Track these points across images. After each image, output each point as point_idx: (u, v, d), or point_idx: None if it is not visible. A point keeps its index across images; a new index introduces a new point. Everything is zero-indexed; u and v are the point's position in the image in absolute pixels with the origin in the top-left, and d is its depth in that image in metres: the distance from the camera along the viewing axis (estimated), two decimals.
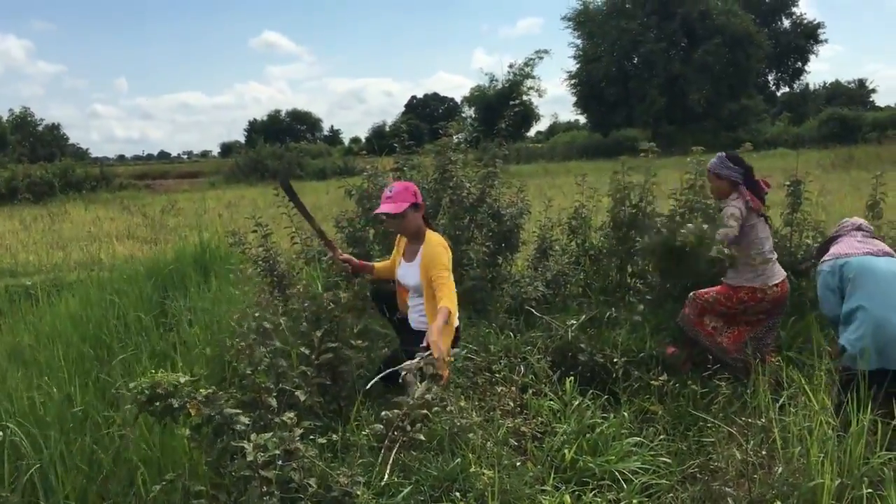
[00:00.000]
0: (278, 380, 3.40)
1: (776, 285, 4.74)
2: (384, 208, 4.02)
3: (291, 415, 2.59)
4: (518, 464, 3.29)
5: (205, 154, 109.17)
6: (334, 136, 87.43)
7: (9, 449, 3.37)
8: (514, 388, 4.18)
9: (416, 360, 3.30)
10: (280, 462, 2.43)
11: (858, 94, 70.26)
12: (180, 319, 6.09)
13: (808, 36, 62.33)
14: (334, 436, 2.99)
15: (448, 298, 3.73)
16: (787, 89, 66.72)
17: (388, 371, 3.87)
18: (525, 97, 49.51)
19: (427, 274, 3.86)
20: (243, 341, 3.50)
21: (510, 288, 5.54)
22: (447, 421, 3.31)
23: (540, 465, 3.50)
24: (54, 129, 68.84)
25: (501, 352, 4.71)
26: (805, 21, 62.80)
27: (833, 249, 4.11)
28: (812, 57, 63.74)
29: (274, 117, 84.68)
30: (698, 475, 3.45)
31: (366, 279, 4.51)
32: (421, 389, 3.43)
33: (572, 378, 4.39)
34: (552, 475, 3.41)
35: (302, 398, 3.02)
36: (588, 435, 3.83)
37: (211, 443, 2.67)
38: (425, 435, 3.22)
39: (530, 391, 4.34)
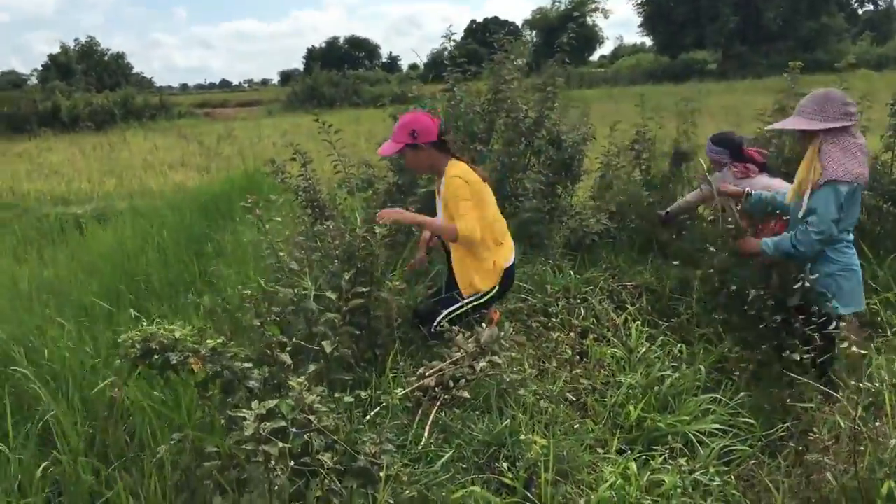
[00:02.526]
0: (309, 326, 3.04)
1: None
2: (382, 148, 3.62)
3: (301, 379, 2.20)
4: (576, 425, 2.87)
5: (265, 82, 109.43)
6: (392, 63, 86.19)
7: (25, 395, 3.14)
8: (572, 334, 3.74)
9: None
10: (292, 431, 2.06)
11: None
12: (222, 250, 5.82)
13: None
14: (362, 393, 2.61)
15: (463, 224, 3.32)
16: (870, 7, 62.37)
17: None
18: (590, 18, 47.39)
19: (448, 210, 3.42)
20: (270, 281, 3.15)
21: (570, 221, 5.02)
22: (496, 376, 2.89)
23: (601, 425, 3.08)
24: (119, 58, 69.50)
25: (559, 292, 4.25)
26: None
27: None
28: None
29: (332, 44, 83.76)
30: (789, 442, 2.97)
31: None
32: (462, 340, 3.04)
33: (639, 322, 3.93)
34: (616, 436, 3.00)
35: (328, 349, 2.64)
36: (657, 388, 3.38)
37: (222, 402, 2.32)
38: (470, 391, 2.83)
39: (591, 336, 3.89)
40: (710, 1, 46.27)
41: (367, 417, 2.61)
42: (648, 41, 55.70)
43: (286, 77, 75.69)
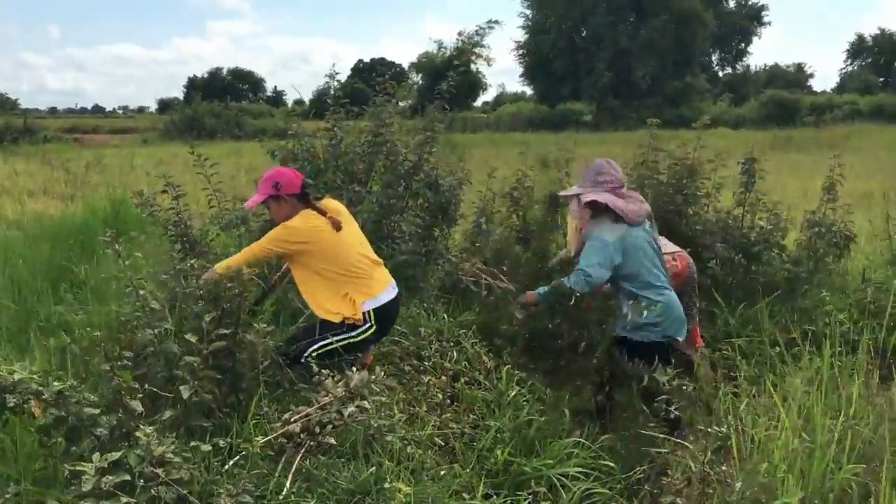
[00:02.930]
0: (169, 369, 2.90)
1: (672, 257, 4.37)
2: (249, 202, 3.83)
3: (151, 429, 2.08)
4: (443, 471, 2.87)
5: (141, 109, 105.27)
6: (277, 97, 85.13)
7: None
8: (444, 378, 3.75)
9: None
10: (140, 484, 1.93)
11: (796, 77, 71.55)
12: (81, 285, 5.49)
13: (752, 18, 63.14)
14: (221, 441, 2.50)
15: (225, 262, 3.51)
16: (728, 70, 67.69)
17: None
18: (473, 66, 48.67)
19: None
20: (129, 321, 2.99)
21: (446, 264, 5.08)
22: (364, 421, 2.85)
23: (469, 469, 3.09)
24: None
25: (433, 335, 4.26)
26: (750, 2, 63.53)
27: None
28: (754, 39, 64.73)
29: (215, 75, 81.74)
30: (645, 485, 3.08)
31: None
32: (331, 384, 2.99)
33: (509, 366, 3.99)
34: (482, 481, 3.01)
35: (185, 394, 2.52)
36: (524, 432, 3.44)
37: (65, 451, 2.16)
38: (337, 437, 2.77)
39: (462, 380, 3.91)
40: (586, 56, 48.74)
41: (226, 467, 2.50)
42: (529, 90, 57.82)
43: (164, 105, 73.03)
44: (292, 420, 2.79)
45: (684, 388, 3.44)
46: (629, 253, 3.77)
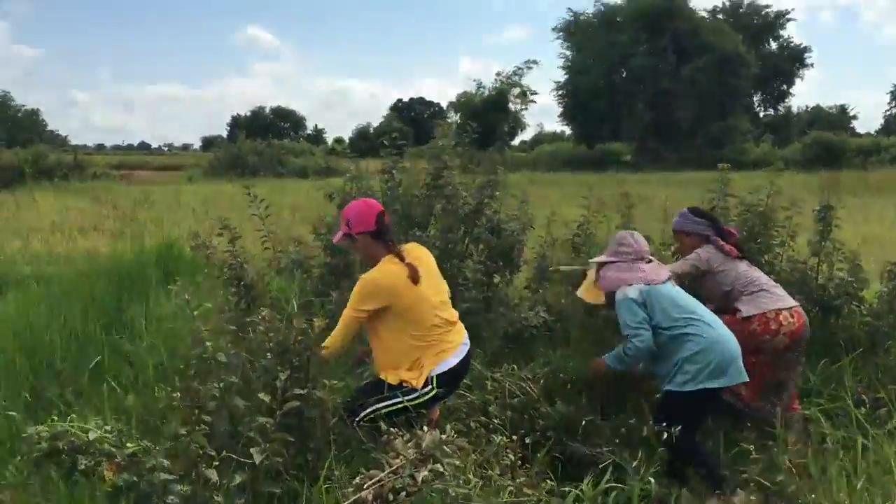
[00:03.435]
0: (234, 426, 2.75)
1: (790, 313, 4.16)
2: (334, 238, 3.69)
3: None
4: None
5: (185, 147, 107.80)
6: (317, 135, 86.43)
7: None
8: (514, 437, 3.54)
9: None
10: None
11: (839, 119, 70.56)
12: (135, 330, 5.41)
13: (795, 59, 62.64)
14: None
15: (330, 338, 3.32)
16: (770, 111, 67.02)
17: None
18: (515, 106, 48.83)
19: None
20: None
21: (508, 312, 4.89)
22: (438, 488, 2.65)
23: None
24: (33, 114, 67.41)
25: (497, 390, 4.06)
26: (792, 44, 63.11)
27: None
28: (797, 80, 64.11)
29: (257, 113, 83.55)
30: None
31: None
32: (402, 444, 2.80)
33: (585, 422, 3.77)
34: None
35: (257, 459, 2.36)
36: (603, 499, 3.21)
37: None
38: None
39: (531, 438, 3.70)
40: (626, 97, 48.74)
41: None
42: (567, 130, 57.89)
43: (208, 143, 74.82)
44: (364, 486, 2.61)
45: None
46: (654, 304, 3.73)
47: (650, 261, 4.01)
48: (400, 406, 3.34)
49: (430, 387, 3.40)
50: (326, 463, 2.75)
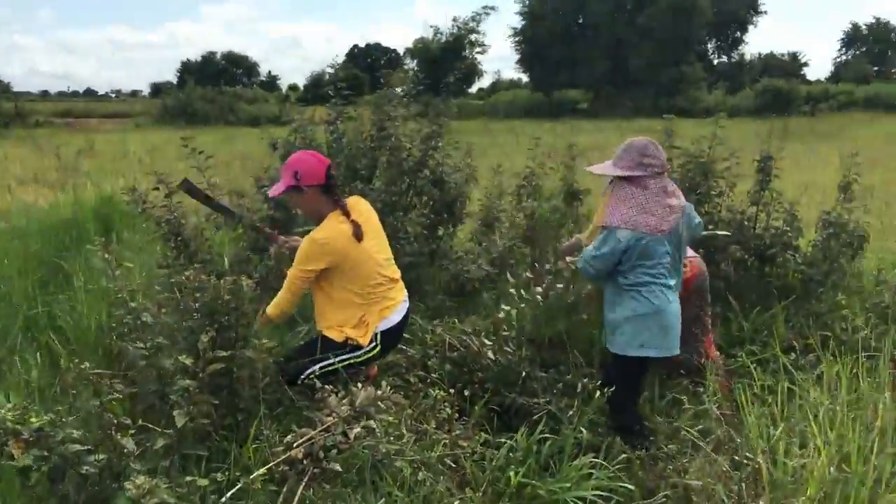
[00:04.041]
0: (162, 387, 2.71)
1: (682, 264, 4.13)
2: (271, 190, 3.55)
3: (141, 479, 1.89)
4: (456, 502, 2.69)
5: (134, 94, 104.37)
6: (271, 82, 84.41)
7: None
8: (453, 391, 3.57)
9: None
10: None
11: (791, 66, 71.39)
12: (71, 286, 5.26)
13: (749, 6, 62.78)
14: (218, 476, 2.31)
15: (273, 303, 3.34)
16: (724, 59, 67.40)
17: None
18: (475, 52, 48.18)
19: None
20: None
21: (451, 265, 4.88)
22: (370, 444, 2.66)
23: (481, 493, 2.92)
24: None
25: (438, 344, 4.08)
26: None
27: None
28: (750, 28, 64.38)
29: (208, 59, 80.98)
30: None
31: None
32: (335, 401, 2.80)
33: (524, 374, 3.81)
34: None
35: (179, 422, 2.33)
36: (537, 448, 3.27)
37: (49, 493, 1.97)
38: (342, 463, 2.58)
39: (468, 390, 3.73)
40: (582, 44, 48.44)
41: (224, 500, 2.31)
42: (525, 77, 57.49)
43: (157, 89, 72.45)
44: (294, 444, 2.60)
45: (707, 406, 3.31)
46: (639, 253, 3.47)
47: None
48: (345, 363, 3.34)
49: (374, 343, 3.40)
50: (255, 423, 2.73)
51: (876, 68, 72.05)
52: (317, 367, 3.28)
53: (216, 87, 43.06)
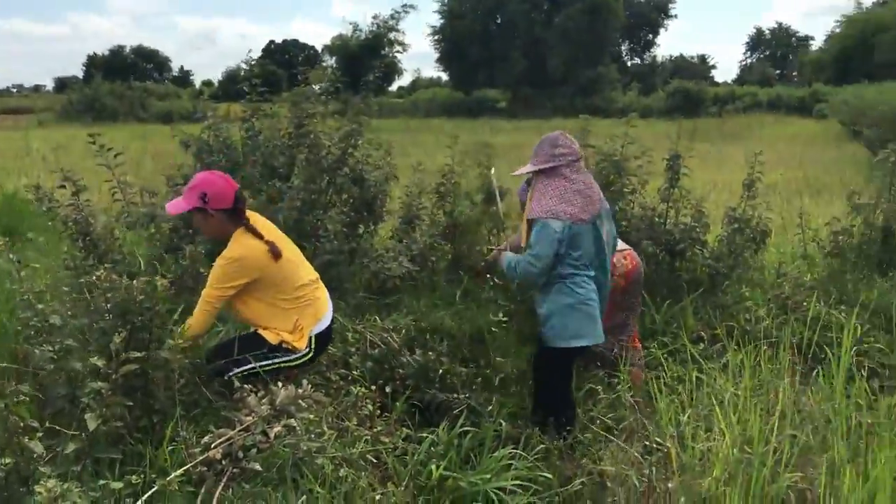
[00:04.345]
0: (72, 390, 2.63)
1: (623, 256, 4.30)
2: (169, 203, 3.41)
3: (51, 483, 1.84)
4: (378, 496, 2.70)
5: (37, 88, 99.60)
6: (184, 78, 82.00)
7: None
8: (374, 387, 3.58)
9: None
10: None
11: (700, 69, 74.26)
12: None
13: (660, 10, 64.95)
14: (133, 478, 2.26)
15: (192, 319, 3.21)
16: (637, 60, 69.55)
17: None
18: (394, 51, 48.05)
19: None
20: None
21: (371, 263, 4.88)
22: (291, 442, 2.65)
23: (403, 488, 2.94)
24: None
25: (360, 341, 4.08)
26: None
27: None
28: (662, 30, 66.70)
29: (117, 53, 77.99)
30: (584, 494, 3.01)
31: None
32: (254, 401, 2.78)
33: (440, 371, 3.85)
34: (419, 499, 2.87)
35: (91, 425, 2.26)
36: (458, 442, 3.32)
37: None
38: (262, 462, 2.56)
39: (390, 387, 3.75)
40: (501, 44, 49.00)
41: (139, 503, 2.26)
42: (445, 76, 57.72)
43: (62, 84, 69.23)
44: (213, 445, 2.56)
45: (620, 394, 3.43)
46: (572, 241, 3.59)
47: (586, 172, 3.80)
48: (276, 367, 3.30)
49: (308, 349, 3.38)
50: (171, 424, 2.68)
51: (778, 71, 75.72)
52: (241, 368, 3.22)
53: (125, 81, 41.52)
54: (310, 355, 3.39)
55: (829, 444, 2.80)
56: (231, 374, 3.22)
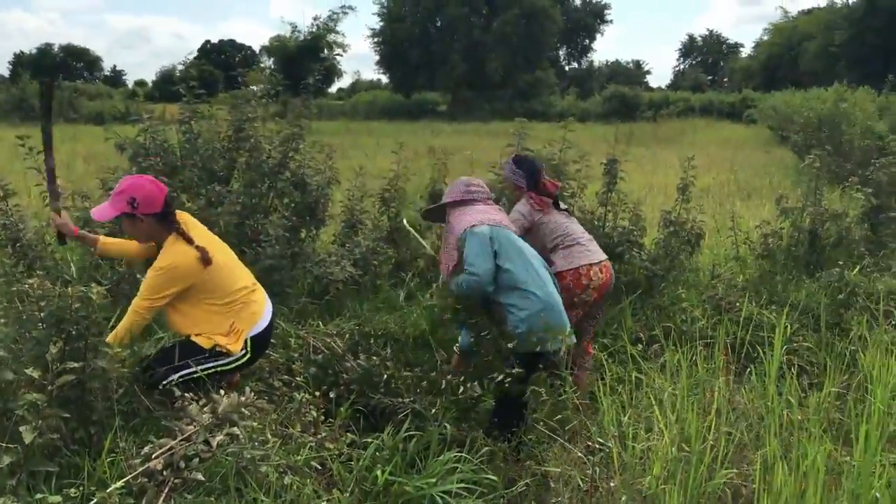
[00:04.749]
0: (3, 402, 2.53)
1: (599, 268, 4.35)
2: (96, 210, 3.31)
3: None
4: (325, 502, 2.69)
5: None
6: (116, 77, 79.79)
7: None
8: (317, 393, 3.56)
9: None
10: None
11: (635, 74, 75.98)
12: None
13: (596, 15, 66.28)
14: (72, 491, 2.20)
15: (119, 326, 3.15)
16: (575, 65, 70.82)
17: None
18: (334, 53, 47.67)
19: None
20: None
21: (314, 267, 4.85)
22: (235, 451, 2.61)
23: (348, 494, 2.93)
24: None
25: (302, 347, 4.04)
26: (594, 0, 66.63)
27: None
28: (598, 36, 68.04)
29: (45, 51, 75.33)
30: (528, 495, 3.05)
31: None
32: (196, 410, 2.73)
33: (385, 375, 3.85)
34: None
35: (28, 438, 2.19)
36: (403, 446, 3.32)
37: None
38: (205, 472, 2.52)
39: (334, 392, 3.73)
40: (440, 47, 49.22)
41: None
42: (385, 78, 57.64)
43: None
44: (153, 456, 2.51)
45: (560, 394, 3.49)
46: (502, 245, 3.69)
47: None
48: (211, 371, 3.26)
49: (244, 351, 3.33)
50: (110, 435, 2.61)
51: (710, 77, 77.97)
52: (177, 374, 3.17)
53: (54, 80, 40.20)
54: (246, 357, 3.35)
55: (762, 441, 2.90)
56: (168, 380, 3.17)
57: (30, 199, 5.99)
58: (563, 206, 4.62)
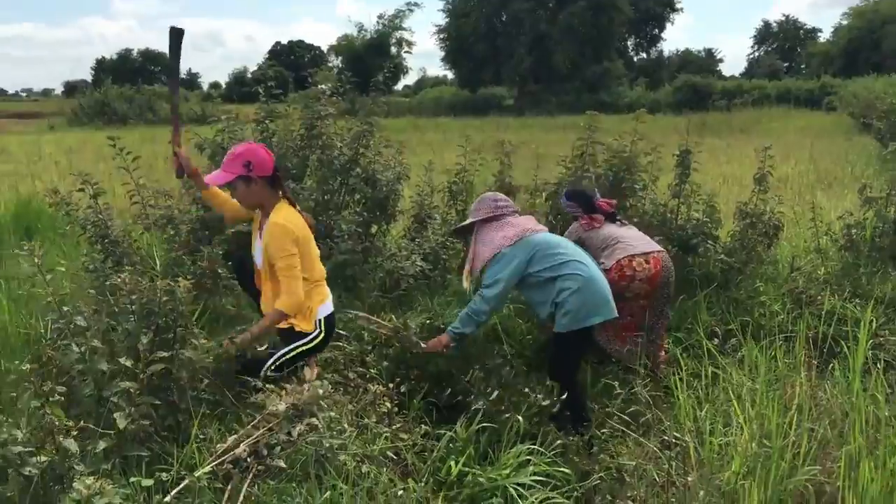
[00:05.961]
0: (98, 390, 2.67)
1: (645, 259, 4.29)
2: (210, 176, 3.53)
3: (89, 481, 1.88)
4: (400, 491, 2.74)
5: (46, 93, 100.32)
6: (192, 80, 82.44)
7: None
8: (391, 385, 3.62)
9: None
10: None
11: (707, 63, 73.87)
12: None
13: (666, 4, 64.69)
14: (163, 475, 2.31)
15: (285, 297, 3.34)
16: (643, 55, 69.32)
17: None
18: (402, 50, 48.09)
19: (267, 256, 3.42)
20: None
21: (385, 262, 4.92)
22: (314, 440, 2.69)
23: (423, 483, 2.98)
24: None
25: (377, 339, 4.12)
26: None
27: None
28: (668, 25, 66.38)
29: (125, 56, 78.57)
30: (607, 493, 3.04)
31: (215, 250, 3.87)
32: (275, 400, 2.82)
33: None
34: (440, 495, 2.90)
35: (121, 424, 2.31)
36: (476, 438, 3.35)
37: None
38: (286, 459, 2.61)
39: (406, 386, 3.79)
40: (506, 40, 48.95)
41: (167, 499, 2.30)
42: (450, 74, 57.72)
43: (72, 88, 69.60)
44: (239, 443, 2.61)
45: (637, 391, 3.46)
46: (539, 244, 3.86)
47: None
48: (295, 352, 3.44)
49: (318, 330, 3.51)
50: (196, 423, 2.72)
51: (787, 64, 75.32)
52: (270, 361, 3.38)
53: (134, 85, 41.63)
54: (321, 336, 3.51)
55: (846, 438, 2.81)
56: (265, 368, 3.37)
57: (114, 198, 6.24)
58: (618, 218, 4.67)
